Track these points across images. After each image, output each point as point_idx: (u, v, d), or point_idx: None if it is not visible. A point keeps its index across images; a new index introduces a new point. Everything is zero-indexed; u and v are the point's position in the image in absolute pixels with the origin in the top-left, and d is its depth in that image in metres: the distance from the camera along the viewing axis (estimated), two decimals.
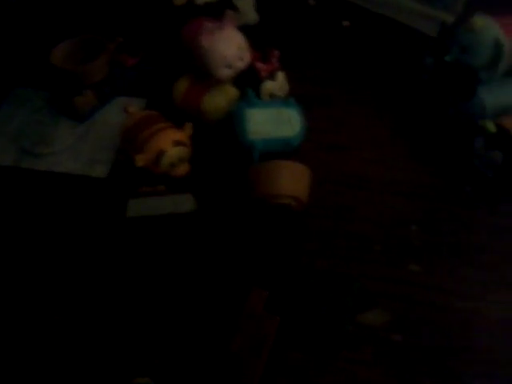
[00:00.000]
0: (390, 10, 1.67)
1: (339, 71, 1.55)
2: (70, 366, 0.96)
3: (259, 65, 1.30)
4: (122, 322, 1.01)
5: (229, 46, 1.22)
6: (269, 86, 1.31)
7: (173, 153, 1.17)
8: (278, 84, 1.33)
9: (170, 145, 1.16)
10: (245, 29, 1.31)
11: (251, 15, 1.62)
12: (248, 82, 1.29)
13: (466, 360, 0.97)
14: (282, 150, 1.22)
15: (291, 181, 1.10)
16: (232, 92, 1.31)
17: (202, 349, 0.96)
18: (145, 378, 0.88)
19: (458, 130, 1.30)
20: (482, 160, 1.22)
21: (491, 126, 1.18)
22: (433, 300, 1.06)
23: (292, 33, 1.66)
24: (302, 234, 1.13)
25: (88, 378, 0.94)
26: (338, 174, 1.28)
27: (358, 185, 1.26)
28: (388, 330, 1.01)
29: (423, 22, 1.61)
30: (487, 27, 1.20)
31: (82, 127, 1.36)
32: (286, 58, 1.38)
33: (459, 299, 1.06)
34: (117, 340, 0.99)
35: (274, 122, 1.23)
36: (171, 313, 1.02)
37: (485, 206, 1.21)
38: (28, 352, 0.98)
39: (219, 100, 1.29)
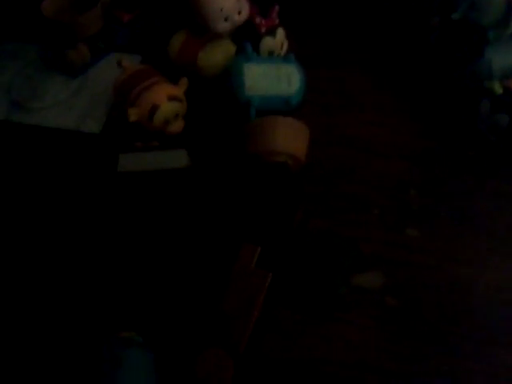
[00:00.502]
0: None
1: (341, 31, 1.48)
2: (54, 316, 0.95)
3: (258, 20, 1.25)
4: (111, 276, 0.99)
5: None
6: (268, 42, 1.26)
7: (167, 108, 1.13)
8: (277, 41, 1.28)
9: (165, 99, 1.12)
10: None
11: None
12: (246, 38, 1.24)
13: (464, 326, 0.95)
14: (280, 109, 1.18)
15: (288, 138, 1.06)
16: (229, 47, 1.26)
17: (192, 305, 0.94)
18: (131, 332, 0.86)
19: (463, 92, 1.25)
20: (487, 123, 1.18)
21: (497, 88, 1.13)
22: (431, 265, 1.03)
23: None
24: (298, 193, 1.10)
25: (73, 330, 0.93)
26: (336, 135, 1.24)
27: (357, 147, 1.22)
28: (383, 294, 0.99)
29: None
30: None
31: (75, 82, 1.32)
32: (286, 15, 1.32)
33: (458, 265, 1.03)
34: (104, 293, 0.97)
35: (272, 78, 1.18)
36: (161, 268, 1.00)
37: (487, 172, 1.17)
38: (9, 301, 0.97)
39: (216, 55, 1.24)
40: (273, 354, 0.92)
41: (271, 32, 1.27)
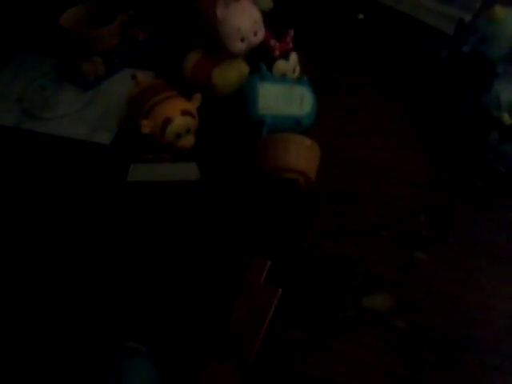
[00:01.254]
0: (405, 6, 1.65)
1: (352, 61, 1.52)
2: (60, 325, 0.93)
3: (273, 42, 1.27)
4: (119, 286, 0.98)
5: (244, 19, 1.20)
6: (282, 65, 1.28)
7: (180, 122, 1.14)
8: (290, 65, 1.30)
9: (178, 113, 1.13)
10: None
11: (266, 1, 1.60)
12: (260, 59, 1.26)
13: (471, 351, 0.93)
14: (291, 129, 1.19)
15: (300, 155, 1.06)
16: (243, 67, 1.28)
17: (199, 317, 0.92)
18: (135, 343, 0.84)
19: (472, 122, 1.27)
20: (495, 153, 1.19)
21: (507, 118, 1.15)
22: (439, 289, 1.02)
23: (306, 20, 1.63)
24: (308, 212, 1.09)
25: (78, 338, 0.91)
26: (346, 159, 1.25)
27: (367, 171, 1.22)
28: (392, 316, 0.97)
29: (439, 19, 1.59)
30: (508, 18, 1.18)
31: (88, 94, 1.33)
32: (300, 42, 1.35)
33: (466, 290, 1.02)
34: (112, 303, 0.95)
35: (285, 98, 1.19)
36: (169, 279, 0.98)
37: (495, 201, 1.18)
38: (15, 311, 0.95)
39: (229, 74, 1.26)
40: (278, 371, 0.89)
41: (285, 56, 1.29)
